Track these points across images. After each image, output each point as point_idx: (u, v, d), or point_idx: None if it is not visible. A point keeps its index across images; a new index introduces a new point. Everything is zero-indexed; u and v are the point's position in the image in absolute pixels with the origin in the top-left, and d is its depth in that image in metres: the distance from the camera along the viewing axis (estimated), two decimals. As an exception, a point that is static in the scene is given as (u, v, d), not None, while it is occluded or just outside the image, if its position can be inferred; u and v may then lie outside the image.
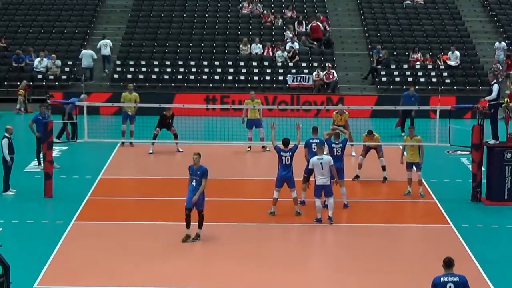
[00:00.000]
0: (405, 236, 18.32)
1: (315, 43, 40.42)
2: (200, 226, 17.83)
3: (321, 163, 18.73)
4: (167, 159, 25.90)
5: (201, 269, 16.34)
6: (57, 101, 26.18)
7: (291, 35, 40.08)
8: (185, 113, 29.92)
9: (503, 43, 38.79)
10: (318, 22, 40.75)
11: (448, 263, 12.30)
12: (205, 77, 38.05)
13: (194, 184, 17.58)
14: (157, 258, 16.87)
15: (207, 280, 15.79)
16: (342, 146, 20.79)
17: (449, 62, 38.64)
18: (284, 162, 19.50)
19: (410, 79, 36.54)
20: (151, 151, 26.61)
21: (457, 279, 12.14)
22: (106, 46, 38.85)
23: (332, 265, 16.77)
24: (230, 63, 38.98)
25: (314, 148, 20.08)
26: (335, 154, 20.50)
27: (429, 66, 38.89)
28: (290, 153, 19.49)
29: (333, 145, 20.72)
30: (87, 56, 38.00)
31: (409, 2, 44.01)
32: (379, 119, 31.37)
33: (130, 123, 28.08)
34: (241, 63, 39.02)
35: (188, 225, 17.70)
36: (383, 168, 23.19)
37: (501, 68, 37.73)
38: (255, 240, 18.21)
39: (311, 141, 20.78)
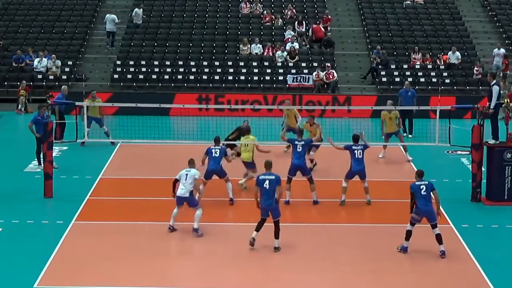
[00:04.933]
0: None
1: (313, 46, 40.55)
2: (276, 236, 17.25)
3: (186, 174, 18.23)
4: (167, 159, 25.87)
5: (201, 269, 16.34)
6: (56, 101, 26.18)
7: (293, 33, 40.13)
8: (185, 113, 29.94)
9: (502, 50, 38.71)
10: (320, 25, 40.86)
11: (420, 174, 17.23)
12: (205, 77, 38.08)
13: (267, 186, 17.14)
14: (157, 258, 16.88)
15: (208, 280, 15.79)
16: (304, 144, 21.16)
17: (450, 60, 38.65)
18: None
19: (410, 79, 36.56)
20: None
21: (427, 182, 17.06)
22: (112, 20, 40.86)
23: (332, 265, 16.75)
24: (230, 63, 39.00)
25: (299, 149, 20.84)
26: (297, 150, 20.96)
27: (429, 66, 38.92)
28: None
29: (296, 142, 21.13)
30: (110, 20, 40.24)
31: (409, 2, 44.04)
32: (379, 119, 31.34)
33: (100, 126, 28.07)
34: (241, 63, 39.04)
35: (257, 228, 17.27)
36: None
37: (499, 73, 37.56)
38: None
39: (296, 142, 21.16)
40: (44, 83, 37.47)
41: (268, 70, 38.69)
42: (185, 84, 37.84)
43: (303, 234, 18.73)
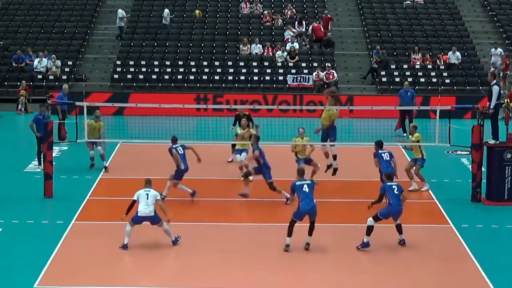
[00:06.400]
0: (404, 236, 18.30)
1: (313, 46, 40.59)
2: (310, 234, 17.38)
3: (147, 194, 17.35)
4: (167, 159, 25.84)
5: (201, 269, 16.33)
6: (57, 101, 26.18)
7: (291, 34, 40.15)
8: (185, 113, 29.89)
9: (499, 49, 38.69)
10: (320, 25, 40.92)
11: (390, 176, 17.93)
12: (205, 77, 38.09)
13: (306, 190, 17.15)
14: (157, 258, 16.88)
15: (207, 280, 15.79)
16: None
17: (450, 60, 38.66)
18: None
19: (410, 79, 36.58)
20: (230, 159, 25.52)
21: (397, 183, 17.69)
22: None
23: (332, 265, 16.75)
24: (230, 63, 39.00)
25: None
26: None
27: (429, 66, 38.92)
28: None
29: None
30: (117, 15, 40.97)
31: (409, 2, 44.05)
32: (379, 119, 31.36)
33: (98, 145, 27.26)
34: (241, 63, 39.04)
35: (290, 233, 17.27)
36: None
37: (499, 74, 37.50)
38: (253, 240, 18.20)
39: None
40: (44, 83, 37.47)
41: (268, 70, 38.70)
42: (185, 84, 37.84)
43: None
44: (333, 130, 22.78)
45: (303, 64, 38.91)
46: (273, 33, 41.63)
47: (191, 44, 40.41)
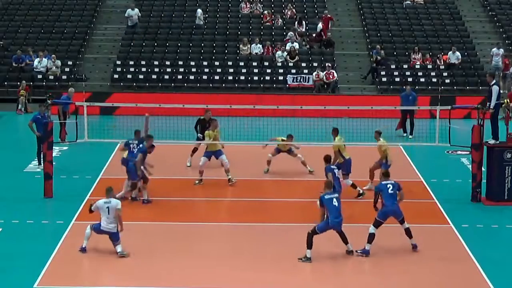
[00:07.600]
0: (404, 236, 18.29)
1: (313, 46, 40.58)
2: (346, 242, 17.15)
3: (107, 208, 16.82)
4: (167, 159, 25.87)
5: (201, 269, 16.33)
6: (57, 101, 26.15)
7: (292, 35, 40.14)
8: (185, 113, 29.86)
9: (501, 50, 38.63)
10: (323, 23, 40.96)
11: (386, 174, 17.70)
12: (205, 77, 38.09)
13: (336, 204, 16.89)
14: (157, 258, 16.87)
15: (207, 280, 15.79)
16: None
17: (450, 60, 38.65)
18: None
19: (410, 79, 36.56)
20: (189, 164, 25.26)
21: (393, 181, 17.35)
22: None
23: (332, 266, 16.75)
24: (230, 63, 39.01)
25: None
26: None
27: (429, 66, 38.92)
28: None
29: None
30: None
31: (409, 2, 44.05)
32: (379, 119, 31.35)
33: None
34: (241, 63, 39.05)
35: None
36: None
37: (500, 74, 37.47)
38: (254, 240, 18.20)
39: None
40: (44, 83, 37.48)
41: (268, 70, 38.70)
42: (185, 84, 37.84)
43: (299, 235, 18.74)
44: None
45: (303, 64, 38.92)
46: (273, 33, 41.64)
47: (191, 44, 40.41)
